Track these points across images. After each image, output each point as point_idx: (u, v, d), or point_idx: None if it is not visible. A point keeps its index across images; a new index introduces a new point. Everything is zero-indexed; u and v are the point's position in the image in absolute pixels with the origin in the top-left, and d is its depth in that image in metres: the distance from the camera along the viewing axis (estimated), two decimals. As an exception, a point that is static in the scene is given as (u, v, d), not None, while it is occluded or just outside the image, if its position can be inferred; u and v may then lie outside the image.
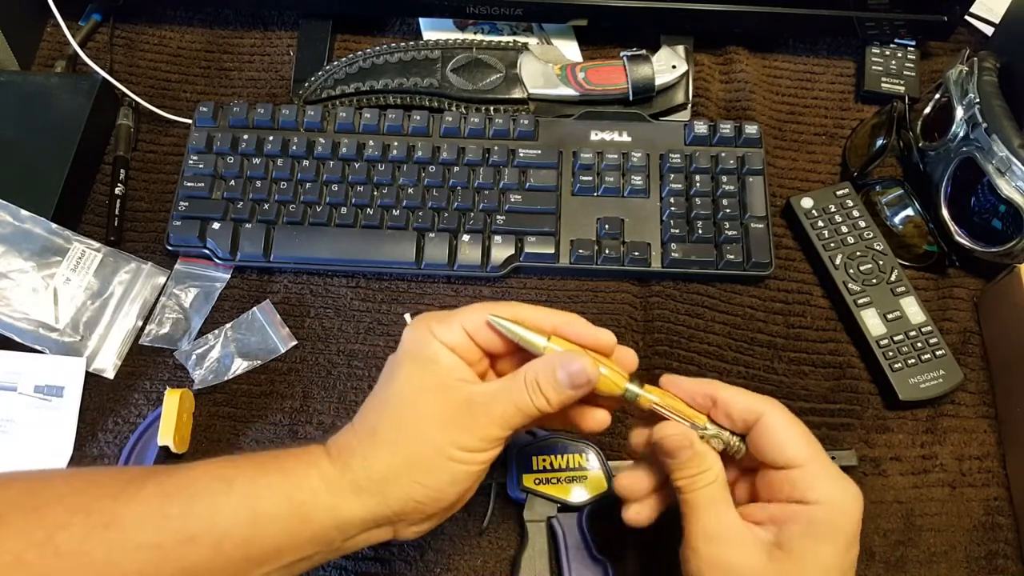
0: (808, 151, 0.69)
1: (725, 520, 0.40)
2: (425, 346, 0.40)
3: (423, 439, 0.39)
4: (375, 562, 0.53)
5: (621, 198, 0.63)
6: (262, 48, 0.73)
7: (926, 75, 0.71)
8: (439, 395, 0.39)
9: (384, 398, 0.40)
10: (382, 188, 0.63)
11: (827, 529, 0.38)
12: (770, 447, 0.40)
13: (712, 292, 0.62)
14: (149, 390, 0.58)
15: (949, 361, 0.58)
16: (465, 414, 0.39)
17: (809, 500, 0.39)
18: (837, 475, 0.40)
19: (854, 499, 0.39)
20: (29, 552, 0.34)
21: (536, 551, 0.52)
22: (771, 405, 0.41)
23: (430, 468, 0.39)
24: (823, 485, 0.39)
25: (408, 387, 0.40)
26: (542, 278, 0.63)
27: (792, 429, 0.40)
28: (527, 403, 0.39)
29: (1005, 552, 0.54)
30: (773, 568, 0.38)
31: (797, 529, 0.38)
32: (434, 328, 0.41)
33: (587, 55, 0.73)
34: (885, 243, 0.62)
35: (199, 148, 0.64)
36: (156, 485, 0.37)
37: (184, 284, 0.62)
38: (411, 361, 0.41)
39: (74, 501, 0.36)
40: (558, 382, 0.39)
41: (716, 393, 0.42)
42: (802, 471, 0.40)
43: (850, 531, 0.39)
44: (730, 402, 0.41)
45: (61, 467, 0.55)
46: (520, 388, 0.39)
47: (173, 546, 0.36)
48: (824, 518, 0.38)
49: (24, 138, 0.63)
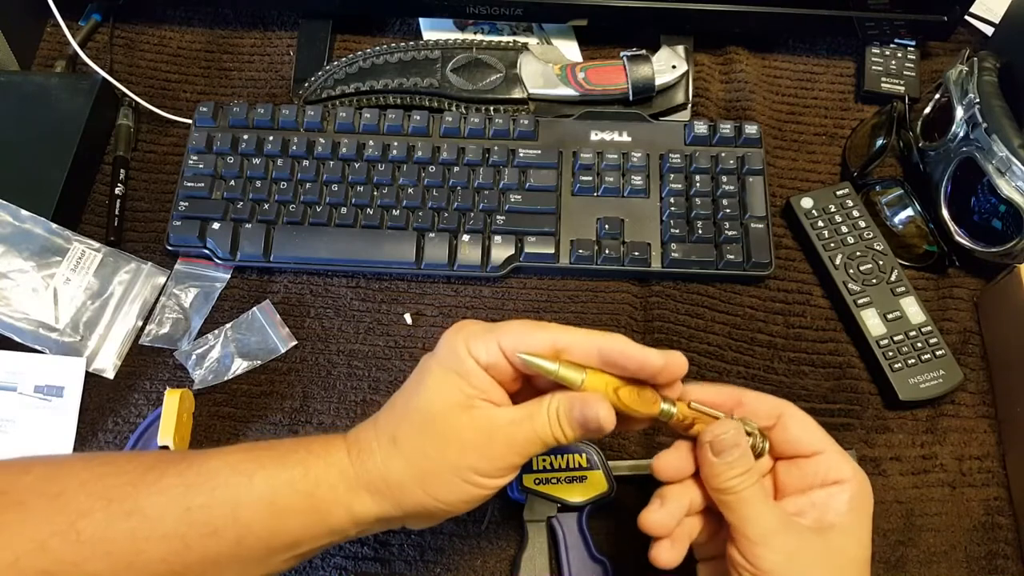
0: (808, 151, 0.69)
1: (775, 514, 0.40)
2: (459, 361, 0.40)
3: (441, 458, 0.39)
4: (375, 562, 0.53)
5: (621, 198, 0.63)
6: (262, 48, 0.73)
7: (926, 75, 0.71)
8: (463, 416, 0.39)
9: (409, 405, 0.40)
10: (382, 188, 0.63)
11: (861, 501, 0.41)
12: (796, 438, 0.43)
13: (712, 292, 0.62)
14: (149, 390, 0.58)
15: (949, 361, 0.58)
16: (486, 440, 0.39)
17: (842, 478, 0.41)
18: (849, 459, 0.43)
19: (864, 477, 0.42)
20: (52, 539, 0.34)
21: (536, 551, 0.52)
22: (788, 404, 0.44)
23: (445, 486, 0.39)
24: (846, 464, 0.42)
25: (435, 400, 0.40)
26: (542, 278, 0.63)
27: (810, 421, 0.44)
28: (547, 434, 0.39)
29: (1005, 552, 0.54)
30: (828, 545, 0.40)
31: (843, 503, 0.41)
32: (471, 344, 0.40)
33: (587, 55, 0.73)
34: (885, 243, 0.62)
35: (199, 148, 0.64)
36: (176, 475, 0.38)
37: (184, 284, 0.62)
38: (442, 372, 0.40)
39: (95, 487, 0.37)
40: (575, 421, 0.39)
41: (741, 397, 0.44)
42: (827, 456, 0.42)
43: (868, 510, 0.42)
44: (755, 403, 0.43)
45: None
46: (543, 420, 0.39)
47: (196, 539, 0.36)
48: (857, 491, 0.41)
49: (24, 138, 0.63)
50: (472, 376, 0.40)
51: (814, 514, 0.41)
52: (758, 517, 0.40)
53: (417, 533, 0.54)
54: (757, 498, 0.40)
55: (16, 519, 0.35)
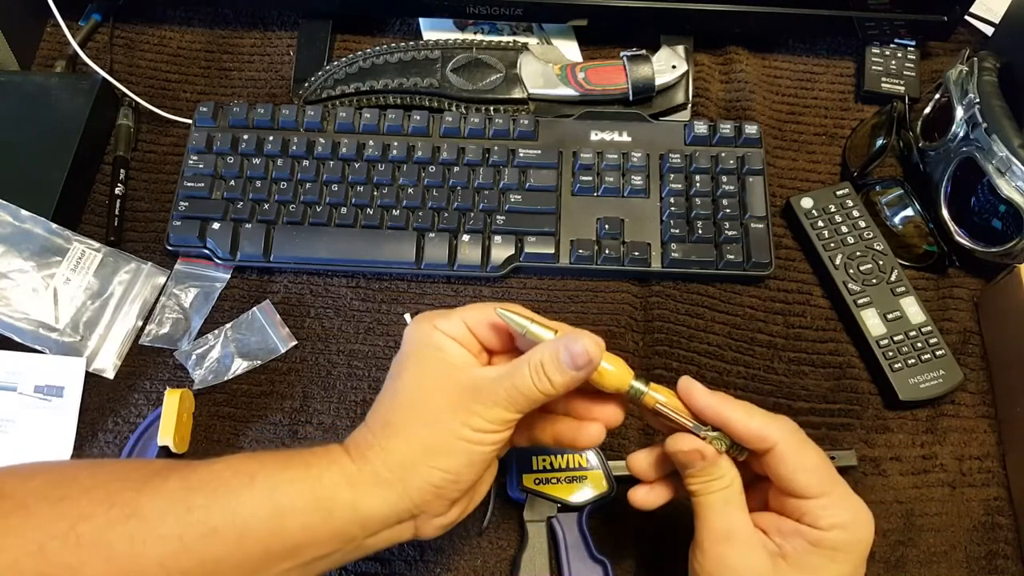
0: (808, 151, 0.69)
1: (735, 523, 0.40)
2: (428, 337, 0.41)
3: (436, 424, 0.39)
4: (375, 562, 0.53)
5: (621, 198, 0.63)
6: (262, 48, 0.73)
7: (926, 75, 0.71)
8: (447, 381, 0.40)
9: (393, 391, 0.41)
10: (382, 188, 0.63)
11: (833, 551, 0.39)
12: (783, 478, 0.40)
13: (712, 292, 0.62)
14: (149, 390, 0.58)
15: (949, 361, 0.58)
16: (473, 397, 0.39)
17: (820, 526, 0.39)
18: (851, 502, 0.40)
19: (865, 525, 0.40)
20: (51, 542, 0.34)
21: (536, 551, 0.52)
22: (784, 431, 0.40)
23: (446, 451, 0.39)
24: (837, 515, 0.39)
25: (416, 377, 0.41)
26: (542, 278, 0.63)
27: (806, 458, 0.40)
28: (530, 386, 0.39)
29: (1005, 552, 0.54)
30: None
31: (803, 545, 0.39)
32: (436, 322, 0.42)
33: (587, 55, 0.73)
34: (885, 243, 0.62)
35: (199, 148, 0.64)
36: (180, 479, 0.38)
37: (184, 284, 0.62)
38: (416, 353, 0.41)
39: (98, 493, 0.36)
40: (561, 363, 0.39)
41: (728, 415, 0.41)
42: (816, 502, 0.40)
43: (860, 553, 0.40)
44: (739, 427, 0.40)
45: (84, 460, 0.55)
46: (524, 372, 0.39)
47: (195, 538, 0.36)
48: (832, 542, 0.39)
49: (24, 138, 0.63)
50: (446, 345, 0.41)
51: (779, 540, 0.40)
52: (709, 523, 0.40)
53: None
54: (715, 506, 0.40)
55: (18, 523, 0.35)
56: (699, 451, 0.41)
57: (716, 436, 0.41)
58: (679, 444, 0.41)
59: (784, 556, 0.40)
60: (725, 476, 0.41)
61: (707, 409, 0.41)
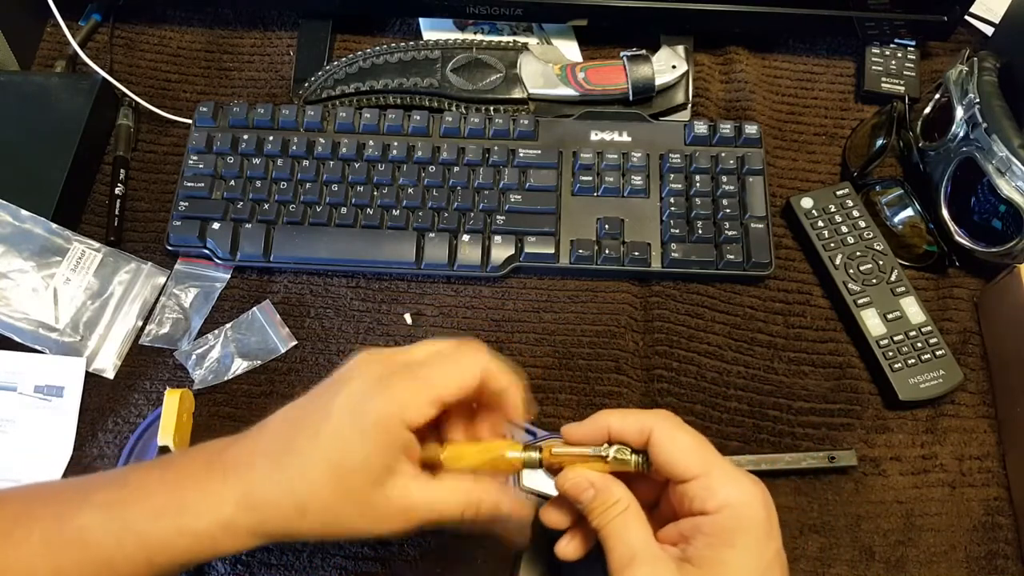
0: (808, 151, 0.69)
1: (636, 544, 0.39)
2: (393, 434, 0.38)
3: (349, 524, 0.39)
4: (375, 562, 0.53)
5: (621, 198, 0.63)
6: (262, 48, 0.73)
7: (926, 75, 0.71)
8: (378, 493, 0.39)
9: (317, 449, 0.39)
10: (382, 188, 0.63)
11: (730, 535, 0.38)
12: (662, 462, 0.40)
13: (712, 292, 0.62)
14: (149, 390, 0.58)
15: (949, 361, 0.58)
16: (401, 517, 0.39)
17: (708, 510, 0.38)
18: (734, 477, 0.39)
19: (754, 496, 0.39)
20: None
21: (536, 551, 0.52)
22: (658, 419, 0.41)
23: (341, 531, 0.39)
24: (720, 491, 0.38)
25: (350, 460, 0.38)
26: (542, 278, 0.63)
27: (680, 440, 0.40)
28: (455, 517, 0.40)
29: (1005, 552, 0.54)
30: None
31: (702, 540, 0.38)
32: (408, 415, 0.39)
33: (587, 55, 0.73)
34: (885, 243, 0.62)
35: (199, 148, 0.64)
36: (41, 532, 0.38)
37: (184, 284, 0.62)
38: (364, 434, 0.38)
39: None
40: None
41: (608, 423, 0.41)
42: (697, 483, 0.39)
43: (757, 529, 0.38)
44: (620, 427, 0.41)
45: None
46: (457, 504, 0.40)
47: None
48: (725, 525, 0.38)
49: (24, 138, 0.63)
50: (407, 449, 0.39)
51: (683, 545, 0.39)
52: (613, 551, 0.39)
53: (418, 533, 0.53)
54: (615, 533, 0.40)
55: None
56: (585, 478, 0.41)
57: (616, 448, 0.41)
58: (566, 478, 0.41)
59: (689, 560, 0.38)
60: (621, 500, 0.40)
61: (590, 431, 0.42)
